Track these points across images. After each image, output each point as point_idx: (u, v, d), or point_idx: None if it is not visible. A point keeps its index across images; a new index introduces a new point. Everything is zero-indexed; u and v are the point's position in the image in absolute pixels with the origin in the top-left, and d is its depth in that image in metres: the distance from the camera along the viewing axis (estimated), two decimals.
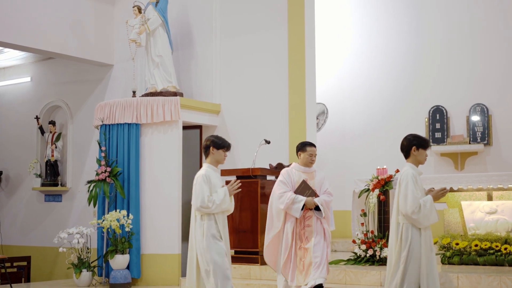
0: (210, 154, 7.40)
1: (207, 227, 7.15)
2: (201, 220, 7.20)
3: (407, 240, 6.40)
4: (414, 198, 6.42)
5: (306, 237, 7.73)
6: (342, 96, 14.72)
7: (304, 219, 7.79)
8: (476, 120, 13.58)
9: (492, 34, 13.64)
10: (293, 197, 7.73)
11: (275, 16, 11.98)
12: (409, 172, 6.57)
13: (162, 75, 11.98)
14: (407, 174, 6.56)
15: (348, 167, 14.27)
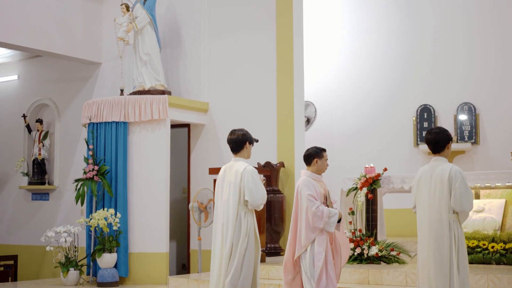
0: (244, 149, 7.14)
1: (254, 223, 6.88)
2: (245, 217, 6.81)
3: (459, 237, 6.18)
4: (472, 195, 6.18)
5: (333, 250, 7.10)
6: (331, 95, 14.73)
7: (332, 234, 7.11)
8: (463, 119, 13.63)
9: (479, 34, 13.70)
10: (328, 212, 6.93)
11: (264, 15, 11.97)
12: (458, 167, 6.24)
13: (150, 73, 11.95)
14: (456, 170, 6.19)
15: (336, 166, 14.23)
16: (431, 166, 6.39)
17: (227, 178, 6.95)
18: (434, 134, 6.43)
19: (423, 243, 6.35)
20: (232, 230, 6.76)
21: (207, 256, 11.23)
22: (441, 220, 6.21)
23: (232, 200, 6.82)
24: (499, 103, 13.44)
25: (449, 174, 6.18)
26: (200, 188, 11.26)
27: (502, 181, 9.43)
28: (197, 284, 9.45)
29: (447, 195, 6.19)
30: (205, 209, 10.81)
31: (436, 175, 6.27)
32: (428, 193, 6.31)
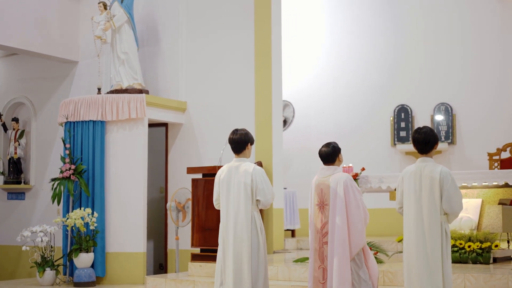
0: (246, 150, 6.99)
1: (262, 223, 6.82)
2: (258, 218, 6.73)
3: (448, 238, 6.18)
4: (460, 195, 6.17)
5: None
6: (309, 95, 14.76)
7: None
8: (440, 119, 13.72)
9: (456, 35, 13.80)
10: None
11: (242, 14, 11.96)
12: (447, 169, 6.20)
13: (128, 72, 11.90)
14: (447, 172, 6.16)
15: (314, 165, 14.26)
16: (418, 167, 6.30)
17: (234, 179, 6.80)
18: (423, 134, 6.31)
19: (410, 243, 6.31)
20: (249, 231, 6.66)
21: (185, 256, 11.24)
22: (432, 221, 6.17)
23: (244, 201, 6.71)
24: (475, 103, 13.54)
25: (440, 176, 6.14)
26: (178, 187, 11.23)
27: (479, 181, 9.48)
28: (175, 284, 9.42)
29: (437, 196, 6.14)
30: (182, 208, 10.78)
31: (426, 176, 6.21)
32: (417, 193, 6.26)
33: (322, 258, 6.82)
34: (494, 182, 9.39)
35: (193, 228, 10.02)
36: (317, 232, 6.91)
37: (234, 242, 6.69)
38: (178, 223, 10.83)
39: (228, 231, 6.76)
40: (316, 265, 6.87)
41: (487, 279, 7.78)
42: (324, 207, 6.87)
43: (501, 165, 12.45)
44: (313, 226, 6.98)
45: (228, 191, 6.83)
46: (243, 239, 6.67)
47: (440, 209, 6.16)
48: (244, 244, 6.66)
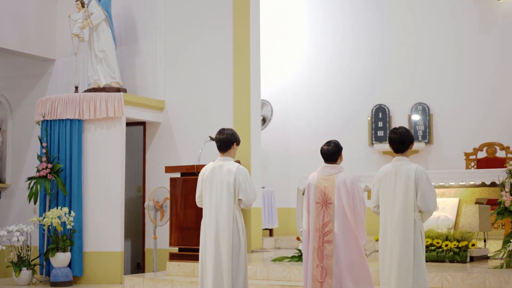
0: (232, 150, 7.01)
1: (243, 223, 6.84)
2: (240, 217, 6.75)
3: (422, 236, 6.25)
4: (435, 193, 6.27)
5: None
6: (287, 94, 14.78)
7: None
8: (417, 119, 13.81)
9: (434, 35, 13.88)
10: None
11: (220, 12, 11.95)
12: (422, 168, 6.32)
13: (105, 70, 11.85)
14: (422, 170, 6.27)
15: (292, 165, 14.34)
16: (394, 166, 6.40)
17: (217, 177, 6.82)
18: (399, 134, 6.42)
19: (385, 241, 6.38)
20: (230, 230, 6.68)
21: (163, 255, 11.21)
22: (406, 219, 6.25)
23: (227, 200, 6.74)
24: (452, 103, 13.64)
25: (415, 174, 6.24)
26: (156, 186, 11.19)
27: (456, 180, 9.55)
28: (153, 283, 9.39)
29: (412, 194, 6.23)
30: (161, 207, 10.74)
31: (401, 174, 6.30)
32: (393, 192, 6.34)
33: (321, 257, 6.79)
34: (471, 181, 9.47)
35: (171, 227, 10.00)
36: (316, 230, 6.87)
37: (215, 240, 6.70)
38: (156, 222, 10.80)
39: (209, 229, 6.78)
40: (314, 263, 6.83)
41: (465, 277, 7.84)
42: (328, 205, 6.86)
43: (478, 164, 12.56)
44: (312, 225, 6.92)
45: (211, 189, 6.85)
46: (224, 238, 6.69)
47: (415, 207, 6.24)
48: (225, 243, 6.68)
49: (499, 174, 8.88)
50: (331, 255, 6.76)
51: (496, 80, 13.34)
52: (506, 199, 8.42)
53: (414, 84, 13.94)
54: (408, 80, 13.98)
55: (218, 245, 6.70)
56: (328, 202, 6.85)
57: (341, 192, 6.80)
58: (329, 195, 6.85)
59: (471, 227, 9.35)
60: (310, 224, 6.94)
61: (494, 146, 12.60)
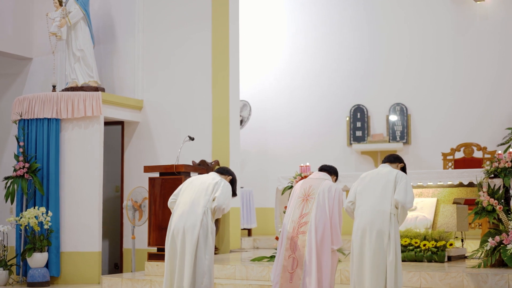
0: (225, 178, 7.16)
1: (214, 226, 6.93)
2: (212, 219, 6.85)
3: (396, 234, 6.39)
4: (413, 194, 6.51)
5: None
6: (265, 94, 14.78)
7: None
8: (395, 119, 13.87)
9: (412, 36, 13.96)
10: None
11: (200, 11, 11.94)
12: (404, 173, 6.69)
13: (83, 69, 11.78)
14: (403, 173, 6.63)
15: (271, 165, 14.35)
16: (378, 168, 6.77)
17: (200, 179, 7.00)
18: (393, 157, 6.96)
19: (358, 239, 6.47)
20: (198, 232, 6.73)
21: (141, 255, 11.17)
22: (383, 212, 6.40)
23: (203, 199, 6.82)
24: (430, 104, 13.71)
25: (396, 175, 6.54)
26: (134, 186, 11.15)
27: (434, 180, 9.61)
28: (132, 284, 9.34)
29: (391, 190, 6.45)
30: (139, 207, 10.70)
31: (383, 175, 6.60)
32: (371, 187, 6.57)
33: (294, 248, 6.84)
34: (448, 181, 9.53)
35: (150, 227, 9.97)
36: (292, 221, 6.94)
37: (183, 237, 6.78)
38: (135, 222, 10.75)
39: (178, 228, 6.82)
40: (286, 254, 6.88)
41: (443, 277, 7.89)
42: (309, 199, 6.94)
43: (455, 165, 12.65)
44: (289, 217, 7.01)
45: (189, 189, 6.95)
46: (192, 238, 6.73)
47: (390, 203, 6.40)
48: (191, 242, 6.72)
49: (477, 174, 8.95)
50: (303, 246, 6.81)
51: (473, 81, 13.44)
52: (483, 199, 8.48)
53: (392, 84, 14.00)
54: (386, 81, 14.04)
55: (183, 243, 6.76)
56: (310, 196, 6.93)
57: (325, 193, 6.91)
58: (313, 191, 6.93)
59: (449, 227, 9.41)
60: (288, 216, 7.02)
61: (471, 146, 12.69)
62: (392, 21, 14.13)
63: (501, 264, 8.29)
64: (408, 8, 14.03)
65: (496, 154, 8.79)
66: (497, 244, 8.29)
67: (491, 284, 7.64)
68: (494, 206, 8.41)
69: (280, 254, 6.95)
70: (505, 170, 8.58)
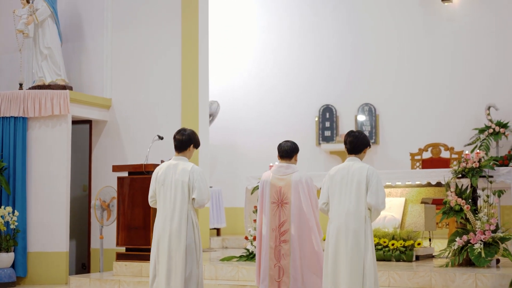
0: (188, 151, 6.92)
1: (198, 223, 6.81)
2: (194, 216, 6.73)
3: (371, 234, 6.32)
4: (383, 192, 6.35)
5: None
6: (234, 92, 14.75)
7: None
8: (363, 119, 13.94)
9: (380, 37, 14.03)
10: None
11: (169, 10, 11.89)
12: (371, 168, 6.41)
13: (51, 67, 11.68)
14: (373, 170, 6.39)
15: (240, 164, 14.33)
16: (346, 165, 6.48)
17: (172, 176, 6.76)
18: (353, 137, 6.57)
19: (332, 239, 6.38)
20: (185, 228, 6.65)
21: (109, 255, 11.08)
22: (358, 215, 6.30)
23: (181, 199, 6.70)
24: (398, 104, 13.80)
25: (367, 172, 6.32)
26: (103, 186, 11.07)
27: (402, 180, 9.66)
28: (100, 284, 9.27)
29: (363, 191, 6.31)
30: (107, 207, 10.62)
31: (354, 172, 6.36)
32: (344, 189, 6.38)
33: (278, 257, 6.81)
34: (417, 181, 9.60)
35: (118, 227, 9.89)
36: (272, 230, 6.91)
37: (170, 239, 6.67)
38: (103, 222, 10.67)
39: (164, 228, 6.72)
40: (271, 263, 6.85)
41: (411, 276, 7.95)
42: (284, 205, 6.88)
43: (423, 164, 12.75)
44: (267, 225, 6.95)
45: (165, 188, 6.80)
46: (179, 237, 6.66)
47: (365, 206, 6.29)
48: (180, 241, 6.65)
49: (445, 174, 9.02)
50: (288, 255, 6.80)
51: (440, 82, 13.55)
52: (451, 199, 8.56)
53: (360, 85, 14.06)
54: (355, 81, 14.10)
55: (173, 244, 6.67)
56: (284, 202, 6.87)
57: (298, 191, 6.83)
58: (285, 195, 6.87)
59: (417, 226, 9.49)
60: (266, 224, 6.95)
61: (439, 146, 12.80)
62: (361, 22, 14.19)
63: (468, 263, 8.38)
64: (376, 9, 14.11)
65: (464, 155, 8.87)
66: (464, 244, 8.38)
67: (459, 283, 7.72)
68: (461, 206, 8.49)
69: (264, 263, 6.89)
70: (473, 170, 8.67)
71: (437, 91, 13.56)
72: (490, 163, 8.78)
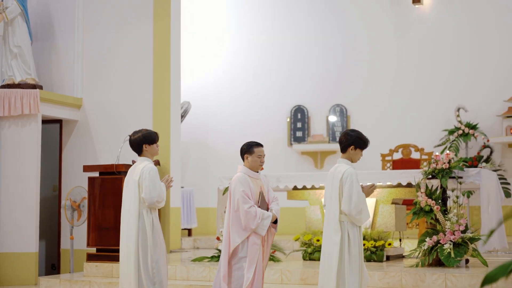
0: (145, 150, 6.95)
1: (156, 222, 6.81)
2: (147, 215, 6.76)
3: (354, 238, 6.22)
4: (359, 197, 6.23)
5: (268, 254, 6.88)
6: (207, 92, 14.74)
7: (268, 235, 6.78)
8: (335, 120, 14.00)
9: (352, 38, 14.11)
10: (261, 214, 6.59)
11: (141, 9, 11.84)
12: (351, 171, 6.31)
13: (21, 66, 11.56)
14: (349, 173, 6.27)
15: (212, 164, 14.32)
16: (334, 167, 6.49)
17: (130, 177, 6.94)
18: (342, 135, 6.61)
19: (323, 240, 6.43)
20: (136, 229, 6.76)
21: (79, 256, 11.00)
22: (332, 220, 6.29)
23: (133, 199, 6.82)
24: (369, 105, 13.89)
25: (342, 176, 6.28)
26: (73, 186, 10.98)
27: (373, 181, 9.64)
28: (70, 285, 9.20)
29: (337, 196, 6.29)
30: (78, 207, 10.53)
31: (335, 175, 6.36)
32: (329, 192, 6.40)
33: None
34: (387, 182, 9.66)
35: (89, 228, 9.83)
36: None
37: (124, 239, 6.85)
38: (73, 222, 10.58)
39: (122, 229, 6.92)
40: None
41: (382, 276, 8.00)
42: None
43: (393, 165, 12.84)
44: None
45: (125, 189, 6.99)
46: (130, 236, 6.79)
47: (339, 211, 6.27)
48: (130, 241, 6.77)
49: (415, 175, 9.08)
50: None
51: (411, 83, 13.67)
52: (421, 200, 8.63)
53: (332, 86, 14.13)
54: (326, 82, 14.16)
55: (126, 245, 6.82)
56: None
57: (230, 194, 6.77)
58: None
59: (388, 226, 9.55)
60: None
61: (409, 147, 12.90)
62: (332, 24, 14.25)
63: (438, 263, 8.45)
64: (347, 11, 14.19)
65: (434, 156, 8.95)
66: (434, 244, 8.44)
67: (429, 283, 7.79)
68: (431, 207, 8.56)
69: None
70: (442, 171, 8.75)
71: (408, 92, 13.67)
72: (460, 164, 8.86)
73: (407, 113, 13.59)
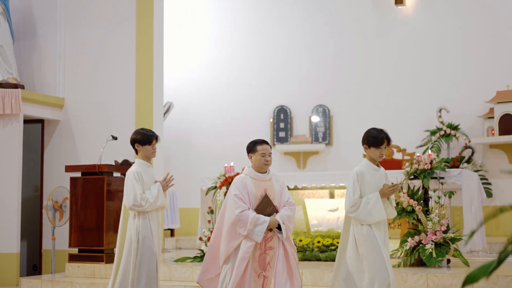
0: (138, 151, 6.94)
1: (142, 227, 6.69)
2: (133, 219, 6.72)
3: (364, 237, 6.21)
4: (350, 196, 6.23)
5: (268, 262, 6.24)
6: (189, 91, 14.71)
7: (265, 241, 6.22)
8: (318, 120, 14.04)
9: (335, 38, 14.15)
10: (255, 219, 6.09)
11: (124, 9, 11.80)
12: (355, 170, 6.30)
13: (2, 65, 11.50)
14: (353, 172, 6.29)
15: (195, 164, 14.30)
16: None
17: None
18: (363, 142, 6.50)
19: None
20: (123, 231, 6.85)
21: (61, 256, 10.95)
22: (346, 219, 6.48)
23: (123, 202, 6.97)
24: (351, 106, 13.94)
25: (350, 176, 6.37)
26: (55, 186, 10.93)
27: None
28: (52, 285, 9.15)
29: None
30: (60, 207, 10.49)
31: None
32: None
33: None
34: None
35: (71, 228, 9.78)
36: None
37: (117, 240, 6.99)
38: (55, 222, 10.54)
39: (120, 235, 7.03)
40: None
41: None
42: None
43: None
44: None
45: None
46: (119, 238, 6.93)
47: None
48: (119, 243, 6.91)
49: (397, 175, 9.11)
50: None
51: (393, 84, 13.73)
52: (403, 200, 8.66)
53: (315, 86, 14.16)
54: (309, 83, 14.19)
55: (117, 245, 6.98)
56: None
57: None
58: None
59: None
60: None
61: (391, 148, 12.93)
62: (315, 24, 14.28)
63: (420, 263, 8.49)
64: (330, 11, 14.22)
65: (416, 156, 9.00)
66: (416, 244, 8.49)
67: (411, 282, 7.83)
68: (413, 207, 8.60)
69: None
70: (424, 171, 8.79)
71: (390, 93, 13.73)
72: (442, 164, 8.92)
73: (390, 113, 13.64)
